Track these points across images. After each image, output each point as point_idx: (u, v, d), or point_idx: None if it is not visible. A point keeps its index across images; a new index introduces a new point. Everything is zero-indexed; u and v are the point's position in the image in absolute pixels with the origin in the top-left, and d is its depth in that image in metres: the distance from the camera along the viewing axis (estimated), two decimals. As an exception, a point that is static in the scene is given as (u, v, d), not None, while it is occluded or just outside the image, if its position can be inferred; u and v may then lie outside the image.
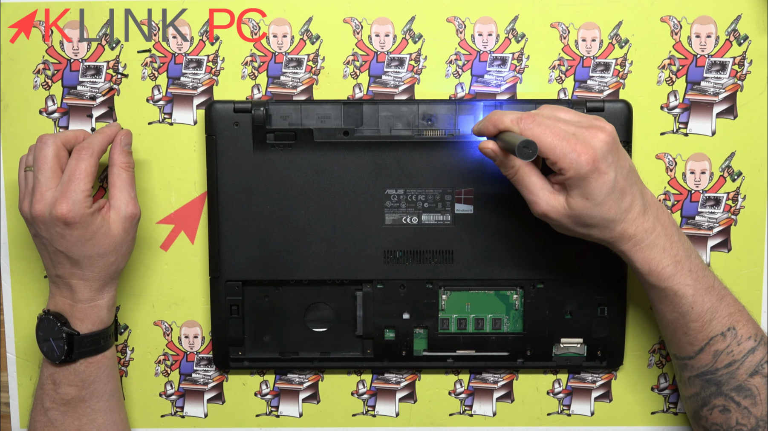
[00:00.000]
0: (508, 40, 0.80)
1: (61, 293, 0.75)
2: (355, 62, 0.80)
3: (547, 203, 0.68)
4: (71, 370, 0.76)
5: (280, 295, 0.81)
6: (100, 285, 0.75)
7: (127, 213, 0.74)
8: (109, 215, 0.74)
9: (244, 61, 0.80)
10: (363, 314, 0.81)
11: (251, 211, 0.79)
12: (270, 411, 0.85)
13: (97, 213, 0.73)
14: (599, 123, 0.68)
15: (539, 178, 0.69)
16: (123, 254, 0.76)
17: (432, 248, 0.79)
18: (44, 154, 0.73)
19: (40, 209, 0.72)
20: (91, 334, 0.75)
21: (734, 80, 0.80)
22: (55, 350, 0.74)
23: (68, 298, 0.75)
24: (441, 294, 0.81)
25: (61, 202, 0.71)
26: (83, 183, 0.72)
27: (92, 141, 0.74)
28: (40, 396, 0.77)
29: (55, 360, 0.75)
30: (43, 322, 0.75)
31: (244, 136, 0.78)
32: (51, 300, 0.76)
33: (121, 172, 0.75)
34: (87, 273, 0.74)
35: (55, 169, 0.73)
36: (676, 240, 0.70)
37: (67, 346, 0.74)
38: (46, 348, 0.75)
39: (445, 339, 0.81)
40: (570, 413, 0.85)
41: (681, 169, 0.81)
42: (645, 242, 0.69)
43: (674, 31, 0.79)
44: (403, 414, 0.85)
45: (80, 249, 0.73)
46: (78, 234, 0.72)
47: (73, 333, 0.74)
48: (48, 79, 0.80)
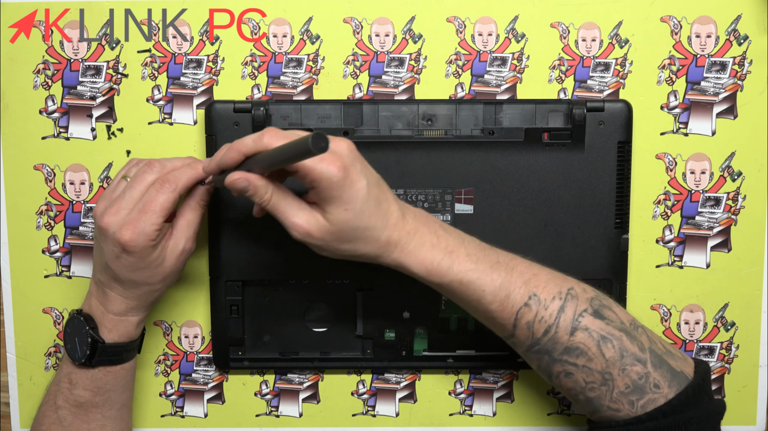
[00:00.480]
0: (508, 40, 0.80)
1: (96, 297, 0.74)
2: (355, 62, 0.80)
3: (307, 222, 0.65)
4: (89, 374, 0.75)
5: (280, 295, 0.81)
6: (136, 305, 0.74)
7: (185, 248, 0.73)
8: (167, 245, 0.72)
9: (244, 61, 0.80)
10: (363, 314, 0.81)
11: (251, 211, 0.78)
12: (270, 411, 0.85)
13: (157, 244, 0.71)
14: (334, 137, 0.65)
15: (294, 199, 0.66)
16: (168, 284, 0.75)
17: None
18: (145, 178, 0.70)
19: (108, 222, 0.70)
20: (115, 344, 0.74)
21: (734, 80, 0.80)
22: (78, 351, 0.74)
23: (102, 305, 0.74)
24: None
25: (127, 227, 0.69)
26: (156, 216, 0.69)
27: (179, 176, 0.71)
28: (54, 392, 0.77)
29: (76, 361, 0.74)
30: (74, 321, 0.74)
31: (244, 136, 0.78)
32: (87, 301, 0.75)
33: (197, 207, 0.73)
34: (126, 292, 0.73)
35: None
36: (443, 233, 0.69)
37: (89, 351, 0.73)
38: (69, 346, 0.74)
39: (446, 339, 0.81)
40: (570, 413, 0.85)
41: (681, 168, 0.81)
42: (412, 244, 0.68)
43: (674, 31, 0.79)
44: (403, 414, 0.85)
45: (129, 274, 0.71)
46: (132, 261, 0.70)
47: (98, 340, 0.73)
48: (48, 79, 0.80)
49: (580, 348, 0.68)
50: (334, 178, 0.63)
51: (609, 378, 0.68)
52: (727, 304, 0.82)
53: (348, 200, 0.64)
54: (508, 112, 0.78)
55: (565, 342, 0.68)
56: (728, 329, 0.83)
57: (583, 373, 0.68)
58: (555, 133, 0.77)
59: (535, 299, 0.68)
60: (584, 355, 0.68)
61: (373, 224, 0.66)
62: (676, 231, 0.81)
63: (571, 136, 0.77)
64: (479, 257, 0.69)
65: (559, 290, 0.69)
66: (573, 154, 0.77)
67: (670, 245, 0.82)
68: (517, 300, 0.68)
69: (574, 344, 0.68)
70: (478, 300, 0.69)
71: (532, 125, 0.77)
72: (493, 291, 0.68)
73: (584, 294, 0.69)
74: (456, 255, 0.68)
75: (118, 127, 0.81)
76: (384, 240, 0.67)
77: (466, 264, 0.68)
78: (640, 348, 0.68)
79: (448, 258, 0.68)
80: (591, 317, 0.68)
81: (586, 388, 0.69)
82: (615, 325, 0.68)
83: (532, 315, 0.68)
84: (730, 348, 0.83)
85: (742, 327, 0.83)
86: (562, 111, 0.78)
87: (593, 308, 0.69)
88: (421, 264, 0.68)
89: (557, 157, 0.77)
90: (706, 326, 0.83)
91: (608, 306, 0.70)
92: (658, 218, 0.81)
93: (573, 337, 0.68)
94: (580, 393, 0.70)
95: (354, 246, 0.67)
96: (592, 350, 0.68)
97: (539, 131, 0.77)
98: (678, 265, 0.82)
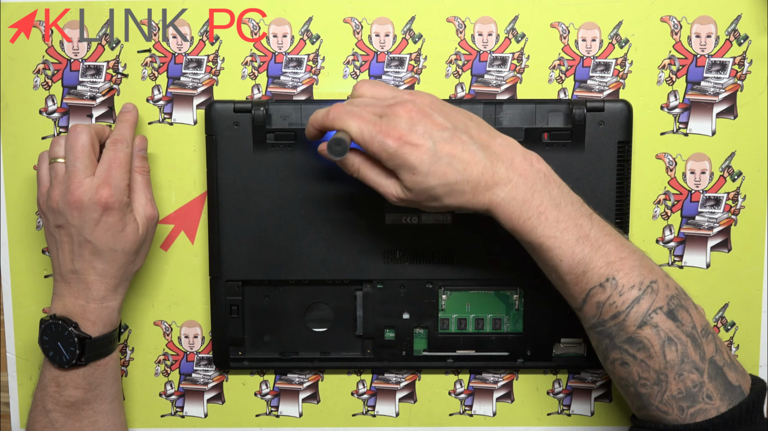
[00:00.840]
0: (508, 40, 0.80)
1: (72, 292, 0.74)
2: (355, 62, 0.80)
3: (395, 189, 0.67)
4: (79, 373, 0.75)
5: (280, 295, 0.81)
6: (115, 284, 0.75)
7: (146, 214, 0.76)
8: (132, 211, 0.75)
9: (244, 61, 0.80)
10: (363, 314, 0.81)
11: (251, 211, 0.79)
12: (270, 411, 0.85)
13: (129, 207, 0.74)
14: (405, 96, 0.67)
15: (380, 169, 0.68)
16: (141, 255, 0.77)
17: (432, 248, 0.79)
18: (81, 143, 0.73)
19: (79, 195, 0.72)
20: (102, 337, 0.75)
21: (734, 80, 0.80)
22: (65, 354, 0.74)
23: (81, 298, 0.74)
24: (441, 294, 0.81)
25: (103, 187, 0.72)
26: (123, 172, 0.74)
27: (123, 132, 0.76)
28: (41, 398, 0.77)
29: (64, 365, 0.74)
30: (51, 327, 0.74)
31: (244, 136, 0.78)
32: (58, 302, 0.75)
33: (136, 176, 0.76)
34: (107, 268, 0.74)
35: (92, 157, 0.73)
36: (541, 189, 0.67)
37: (78, 350, 0.73)
38: (52, 353, 0.74)
39: (445, 339, 0.81)
40: (570, 413, 0.85)
41: (681, 168, 0.81)
42: (501, 195, 0.66)
43: (674, 31, 0.79)
44: (403, 414, 0.85)
45: (109, 239, 0.73)
46: (113, 222, 0.73)
47: (86, 337, 0.74)
48: (48, 79, 0.80)
49: (643, 343, 0.67)
50: (389, 150, 0.65)
51: (664, 379, 0.67)
52: (727, 304, 0.82)
53: (413, 166, 0.65)
54: (508, 112, 0.78)
55: (630, 332, 0.67)
56: (728, 329, 0.83)
57: (639, 367, 0.67)
58: (555, 133, 0.77)
59: (612, 282, 0.66)
60: (645, 350, 0.67)
61: (450, 180, 0.66)
62: (676, 231, 0.82)
63: (571, 136, 0.77)
64: (568, 226, 0.67)
65: (641, 280, 0.67)
66: (573, 154, 0.77)
67: (670, 245, 0.82)
68: (593, 278, 0.67)
69: (639, 337, 0.67)
70: (554, 268, 0.68)
71: (532, 125, 0.77)
72: (570, 264, 0.67)
73: (665, 290, 0.67)
74: (545, 218, 0.66)
75: (118, 127, 0.81)
76: (469, 191, 0.66)
77: (551, 230, 0.66)
78: (701, 358, 0.67)
79: (536, 219, 0.66)
80: (664, 316, 0.67)
81: (638, 382, 0.68)
82: (685, 329, 0.67)
83: (604, 297, 0.67)
84: (730, 348, 0.83)
85: (742, 327, 0.83)
86: (562, 111, 0.78)
87: (669, 307, 0.67)
88: (507, 219, 0.67)
89: (557, 156, 0.77)
90: (706, 326, 0.83)
91: (686, 308, 0.68)
92: (658, 218, 0.81)
93: (640, 330, 0.66)
94: (631, 385, 0.69)
95: (442, 203, 0.67)
96: (655, 348, 0.66)
97: (539, 131, 0.77)
98: (678, 265, 0.82)
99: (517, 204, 0.66)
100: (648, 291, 0.67)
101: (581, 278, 0.67)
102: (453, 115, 0.67)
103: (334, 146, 0.63)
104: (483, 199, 0.66)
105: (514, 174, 0.66)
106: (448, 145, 0.66)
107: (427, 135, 0.65)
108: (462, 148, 0.66)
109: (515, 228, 0.67)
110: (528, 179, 0.67)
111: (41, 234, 0.82)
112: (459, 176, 0.66)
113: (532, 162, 0.68)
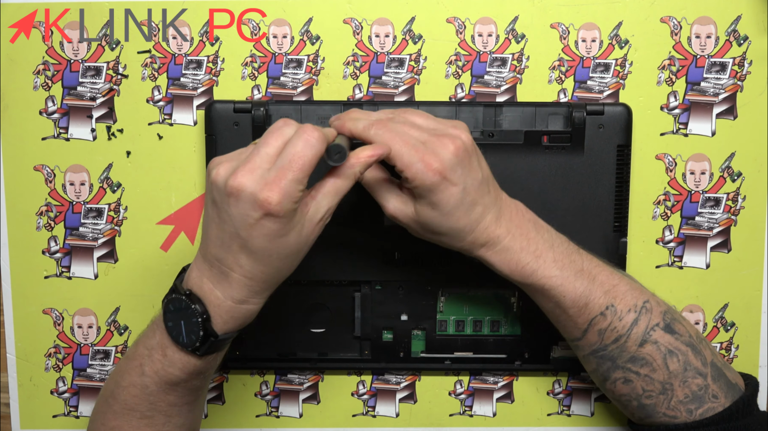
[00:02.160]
0: (507, 40, 0.79)
1: (210, 278, 0.64)
2: (355, 63, 0.80)
3: (395, 208, 0.67)
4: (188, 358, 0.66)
5: (280, 296, 0.81)
6: (261, 289, 0.64)
7: (324, 218, 0.64)
8: (306, 211, 0.62)
9: (244, 62, 0.80)
10: (361, 315, 0.81)
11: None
12: (270, 412, 0.85)
13: (298, 208, 0.61)
14: (454, 131, 0.65)
15: (391, 185, 0.67)
16: (299, 260, 0.65)
17: (430, 250, 0.79)
18: (284, 131, 0.61)
19: (242, 182, 0.59)
20: (227, 336, 0.65)
21: (734, 81, 0.79)
22: (183, 336, 0.64)
23: (218, 289, 0.63)
24: (439, 295, 0.81)
25: (272, 188, 0.59)
26: (302, 174, 0.60)
27: (325, 129, 0.63)
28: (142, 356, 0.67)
29: (178, 344, 0.65)
30: (181, 305, 0.64)
31: (244, 137, 0.78)
32: (195, 279, 0.64)
33: (351, 176, 0.64)
34: (255, 272, 0.62)
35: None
36: (534, 235, 0.69)
37: (199, 343, 0.64)
38: (171, 325, 0.65)
39: (443, 341, 0.82)
40: (570, 413, 0.85)
41: (681, 169, 0.81)
42: (498, 246, 0.68)
43: (674, 31, 0.79)
44: (403, 415, 0.85)
45: (266, 243, 0.61)
46: (274, 229, 0.60)
47: (212, 334, 0.64)
48: (48, 80, 0.80)
49: (646, 359, 0.69)
50: (427, 181, 0.64)
51: (669, 388, 0.69)
52: (727, 305, 0.82)
53: (438, 202, 0.65)
54: (507, 114, 0.78)
55: (632, 351, 0.69)
56: (728, 329, 0.83)
57: (643, 382, 0.70)
58: (555, 136, 0.77)
59: (612, 309, 0.69)
60: (648, 366, 0.69)
61: (460, 227, 0.66)
62: (676, 231, 0.81)
63: (570, 139, 0.77)
64: (564, 263, 0.69)
65: (635, 302, 0.70)
66: (572, 157, 0.77)
67: (669, 245, 0.82)
68: (594, 309, 0.69)
69: (641, 355, 0.69)
70: (557, 305, 0.70)
71: (532, 128, 0.77)
72: (573, 298, 0.69)
73: (658, 307, 0.71)
74: (543, 260, 0.68)
75: (118, 128, 0.81)
76: (469, 241, 0.68)
77: (551, 270, 0.69)
78: (702, 363, 0.70)
79: (534, 263, 0.68)
80: (662, 331, 0.70)
81: (643, 395, 0.70)
82: (683, 340, 0.70)
83: (605, 324, 0.69)
84: (730, 349, 0.83)
85: (742, 327, 0.83)
86: (561, 114, 0.77)
87: (665, 322, 0.70)
88: (505, 265, 0.69)
89: (557, 160, 0.77)
90: (706, 326, 0.83)
91: (679, 320, 0.71)
92: (657, 219, 0.81)
93: (641, 348, 0.69)
94: (634, 399, 0.71)
95: (438, 239, 0.68)
96: (657, 362, 0.69)
97: (539, 134, 0.77)
98: (678, 266, 0.82)
99: (514, 252, 0.68)
100: (643, 311, 0.70)
101: (584, 310, 0.69)
102: (483, 161, 0.68)
103: (334, 153, 0.61)
104: (479, 251, 0.68)
105: (512, 226, 0.68)
106: (475, 193, 0.66)
107: (464, 177, 0.65)
108: (482, 199, 0.67)
109: (513, 272, 0.69)
110: (522, 229, 0.69)
111: (41, 234, 0.82)
112: (468, 226, 0.67)
113: (524, 212, 0.70)
